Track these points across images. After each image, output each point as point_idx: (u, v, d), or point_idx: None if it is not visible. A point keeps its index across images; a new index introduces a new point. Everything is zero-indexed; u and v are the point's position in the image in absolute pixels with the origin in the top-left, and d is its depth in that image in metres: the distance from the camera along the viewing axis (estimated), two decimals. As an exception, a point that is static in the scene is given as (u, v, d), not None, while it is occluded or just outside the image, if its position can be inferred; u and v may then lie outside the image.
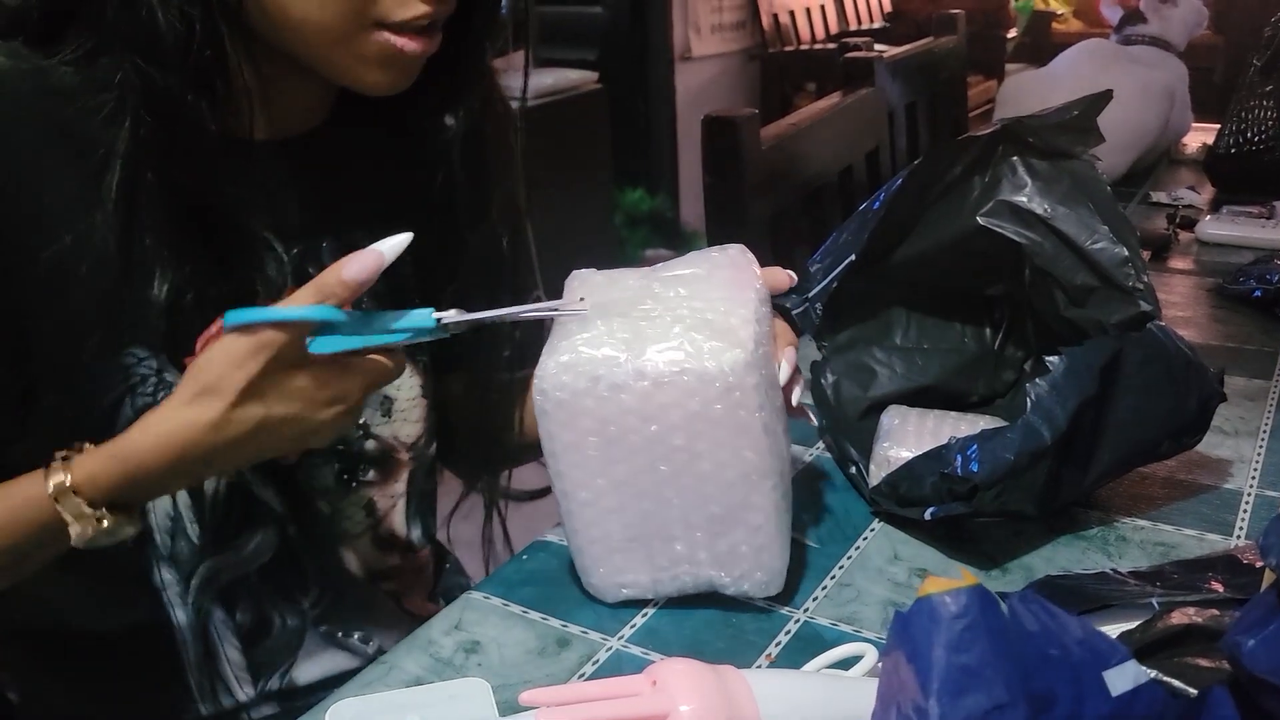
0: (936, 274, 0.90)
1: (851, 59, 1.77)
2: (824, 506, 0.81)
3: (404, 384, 0.82)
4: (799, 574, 0.72)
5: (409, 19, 0.65)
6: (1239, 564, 0.67)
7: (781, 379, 0.68)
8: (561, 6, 3.78)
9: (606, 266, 0.71)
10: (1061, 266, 0.82)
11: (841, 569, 0.73)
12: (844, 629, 0.67)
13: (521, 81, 0.82)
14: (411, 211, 0.82)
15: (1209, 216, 1.51)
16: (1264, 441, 0.89)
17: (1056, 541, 0.76)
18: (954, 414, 0.85)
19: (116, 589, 0.75)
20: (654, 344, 0.62)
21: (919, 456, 0.76)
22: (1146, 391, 0.73)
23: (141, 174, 0.64)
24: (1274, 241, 1.41)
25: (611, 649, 0.66)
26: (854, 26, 4.55)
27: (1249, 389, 0.99)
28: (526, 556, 0.76)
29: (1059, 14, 5.17)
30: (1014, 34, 4.65)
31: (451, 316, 0.62)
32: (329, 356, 0.61)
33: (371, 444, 0.81)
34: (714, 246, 0.72)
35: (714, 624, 0.68)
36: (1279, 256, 1.27)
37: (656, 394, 0.62)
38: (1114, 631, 0.60)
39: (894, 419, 0.84)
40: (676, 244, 3.65)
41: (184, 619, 0.75)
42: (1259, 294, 1.21)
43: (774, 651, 0.65)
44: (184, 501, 0.72)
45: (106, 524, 0.61)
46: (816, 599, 0.70)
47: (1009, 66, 3.80)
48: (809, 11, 4.31)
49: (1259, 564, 0.65)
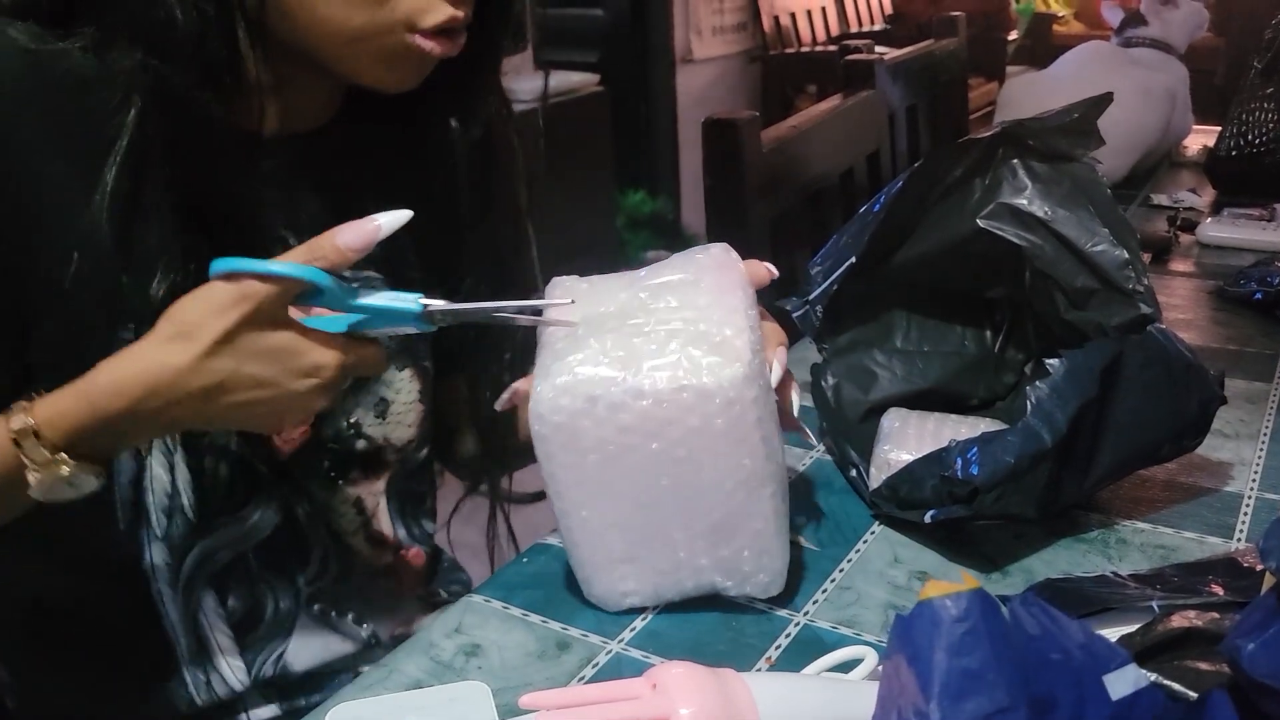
0: (937, 276, 0.90)
1: (852, 61, 1.77)
2: (824, 509, 0.81)
3: (403, 387, 0.82)
4: (799, 577, 0.72)
5: (436, 24, 0.66)
6: (1239, 567, 0.67)
7: (773, 380, 0.67)
8: (562, 9, 3.79)
9: (608, 269, 0.71)
10: (1062, 269, 0.82)
11: (842, 572, 0.73)
12: (844, 632, 0.67)
13: (523, 84, 0.82)
14: (417, 209, 0.82)
15: (1209, 219, 1.51)
16: (1264, 444, 0.89)
17: (1056, 544, 0.76)
18: (954, 417, 0.85)
19: (105, 574, 0.74)
20: (650, 361, 0.61)
21: (919, 459, 0.76)
22: (1147, 394, 0.73)
23: (146, 165, 0.64)
24: (1275, 244, 1.41)
25: (611, 652, 0.66)
26: (855, 29, 4.55)
27: (1249, 391, 0.99)
28: (527, 559, 0.76)
29: (1060, 16, 5.18)
30: (1015, 36, 4.65)
31: (438, 305, 0.61)
32: (300, 309, 0.61)
33: (362, 443, 0.81)
34: (697, 247, 0.71)
35: (714, 627, 0.68)
36: (1280, 259, 1.27)
37: (656, 412, 0.61)
38: (1114, 634, 0.60)
39: (894, 422, 0.84)
40: (678, 246, 3.62)
41: (174, 608, 0.74)
42: (1260, 296, 1.20)
43: (774, 654, 0.65)
44: (183, 478, 0.72)
45: (66, 471, 0.59)
46: (817, 602, 0.70)
47: (1010, 69, 3.80)
48: (810, 14, 4.31)
49: (1259, 567, 0.65)
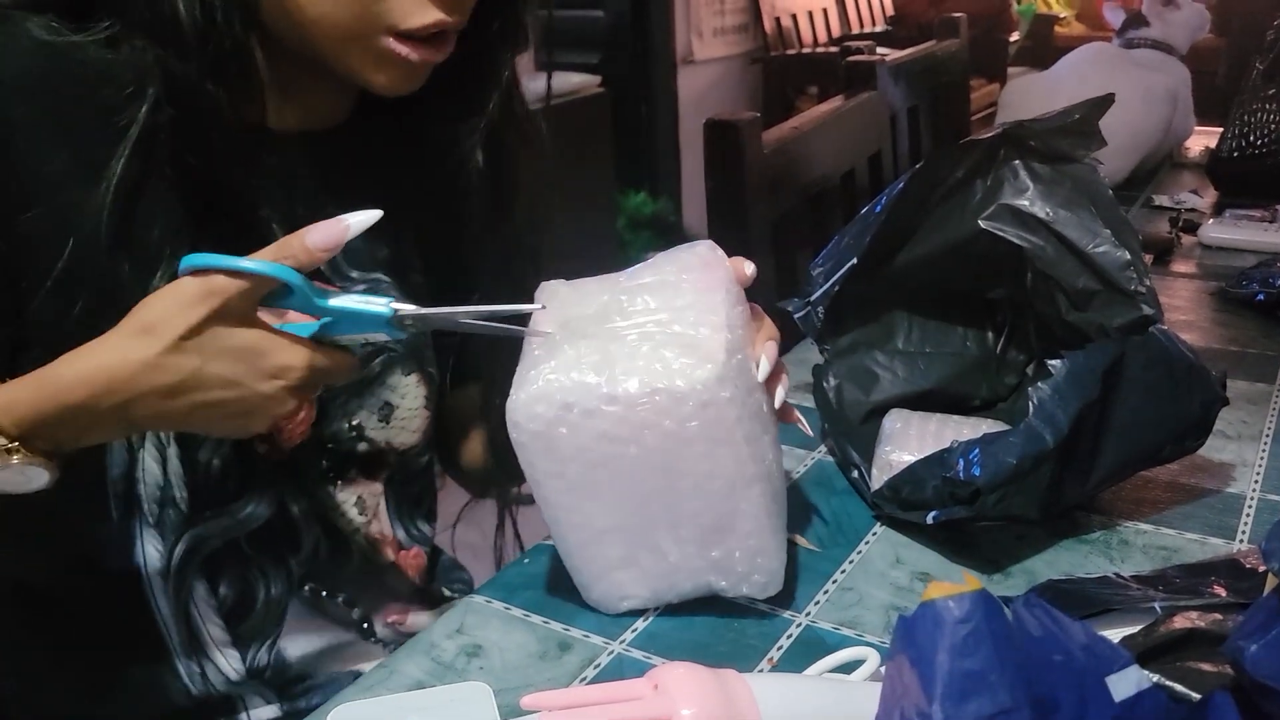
0: (938, 277, 0.90)
1: (853, 62, 1.77)
2: (826, 510, 0.81)
3: (408, 392, 0.82)
4: (801, 578, 0.72)
5: (419, 28, 0.66)
6: (1241, 568, 0.67)
7: (760, 376, 0.65)
8: (563, 10, 3.79)
9: (609, 270, 0.71)
10: (1063, 270, 0.82)
11: (843, 573, 0.73)
12: (846, 633, 0.67)
13: (525, 85, 0.82)
14: (426, 215, 0.82)
15: (1211, 220, 1.51)
16: (1266, 445, 0.89)
17: (1058, 545, 0.76)
18: (956, 418, 0.85)
19: (98, 565, 0.73)
20: (623, 365, 0.61)
21: (921, 460, 0.76)
22: (1149, 395, 0.73)
23: (154, 156, 0.65)
24: (1276, 245, 1.41)
25: (613, 653, 0.66)
26: (856, 30, 4.55)
27: (1251, 393, 0.99)
28: (528, 560, 0.76)
29: (1061, 17, 5.17)
30: (1016, 37, 4.65)
31: (409, 309, 0.61)
32: (274, 315, 0.60)
33: (364, 446, 0.81)
34: (683, 245, 0.70)
35: (715, 628, 0.68)
36: (1281, 260, 1.27)
37: (630, 416, 0.60)
38: (1116, 636, 0.60)
39: (896, 423, 0.84)
40: (679, 248, 3.64)
41: (165, 598, 0.74)
42: (1262, 297, 1.20)
43: (776, 655, 0.65)
44: (175, 472, 0.71)
45: (16, 460, 0.58)
46: (818, 603, 0.70)
47: (1011, 70, 3.79)
48: (811, 15, 4.31)
49: (1261, 568, 0.65)
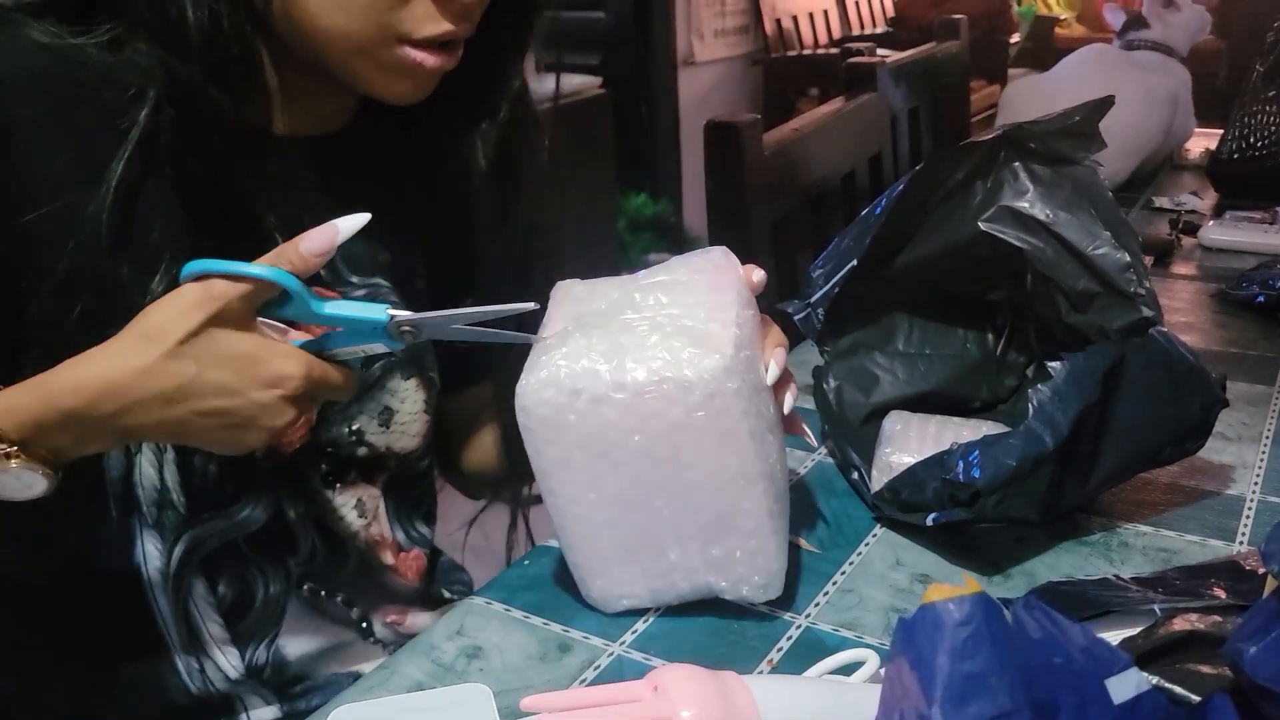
0: (938, 279, 0.90)
1: (854, 64, 1.77)
2: (825, 512, 0.81)
3: (408, 397, 0.82)
4: (801, 579, 0.72)
5: (431, 36, 0.67)
6: (1241, 570, 0.67)
7: (769, 380, 0.66)
8: (564, 11, 3.78)
9: (610, 272, 0.71)
10: (1063, 272, 0.82)
11: (843, 574, 0.73)
12: (846, 635, 0.67)
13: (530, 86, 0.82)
14: (430, 220, 0.82)
15: (1212, 222, 1.51)
16: (1266, 447, 0.89)
17: (1058, 547, 0.76)
18: (956, 419, 0.85)
19: (97, 564, 0.74)
20: (632, 354, 0.61)
21: (921, 462, 0.76)
22: (1149, 397, 0.73)
23: (155, 158, 0.65)
24: (1277, 247, 1.41)
25: (613, 654, 0.66)
26: (856, 31, 4.55)
27: (1251, 394, 0.99)
28: (529, 562, 0.76)
29: (1062, 19, 5.17)
30: (1017, 39, 4.65)
31: (404, 315, 0.62)
32: (277, 332, 0.61)
33: (363, 450, 0.81)
34: (697, 250, 0.71)
35: (715, 630, 0.68)
36: (1282, 262, 1.27)
37: (637, 405, 0.61)
38: (1116, 638, 0.60)
39: (896, 424, 0.84)
40: (680, 249, 3.61)
41: (164, 597, 0.74)
42: (1262, 299, 1.20)
43: (775, 657, 0.65)
44: (172, 477, 0.72)
45: (15, 464, 0.59)
46: (818, 604, 0.70)
47: (1012, 72, 3.80)
48: (811, 16, 4.31)
49: (1261, 570, 0.65)
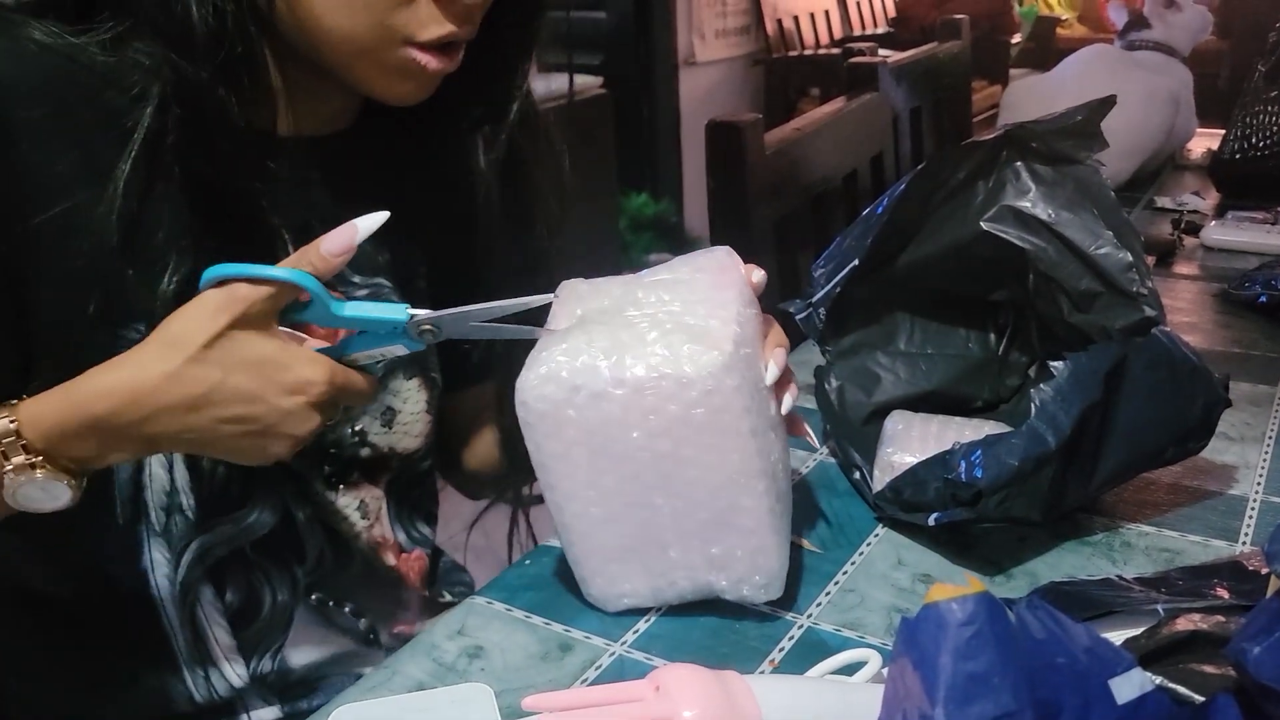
0: (940, 279, 0.90)
1: (855, 64, 1.77)
2: (827, 512, 0.81)
3: (410, 397, 0.82)
4: (802, 579, 0.72)
5: (434, 39, 0.67)
6: (1244, 570, 0.67)
7: (768, 380, 0.66)
8: (565, 11, 3.78)
9: (611, 272, 0.71)
10: (1065, 272, 0.82)
11: (845, 574, 0.73)
12: (848, 635, 0.67)
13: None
14: (433, 220, 0.82)
15: (1214, 222, 1.51)
16: (1269, 447, 0.89)
17: (1061, 547, 0.76)
18: (958, 419, 0.85)
19: (104, 570, 0.73)
20: (632, 350, 0.61)
21: (923, 462, 0.76)
22: (1151, 397, 0.73)
23: (160, 159, 0.65)
24: (1278, 247, 1.41)
25: (614, 654, 0.66)
26: (858, 31, 4.55)
27: (1254, 394, 0.99)
28: (530, 561, 0.76)
29: (1063, 19, 5.17)
30: (1018, 39, 4.65)
31: (425, 313, 0.62)
32: (294, 340, 0.61)
33: (366, 451, 0.81)
34: (701, 250, 0.71)
35: (717, 629, 0.68)
36: (1284, 262, 1.27)
37: (636, 400, 0.61)
38: (1119, 638, 0.59)
39: (898, 424, 0.84)
40: (681, 249, 3.61)
41: (171, 604, 0.74)
42: (1264, 299, 1.20)
43: (777, 657, 0.65)
44: (182, 478, 0.72)
45: (41, 475, 0.59)
46: (820, 604, 0.70)
47: (1013, 72, 3.79)
48: (813, 16, 4.31)
49: (1264, 570, 0.65)
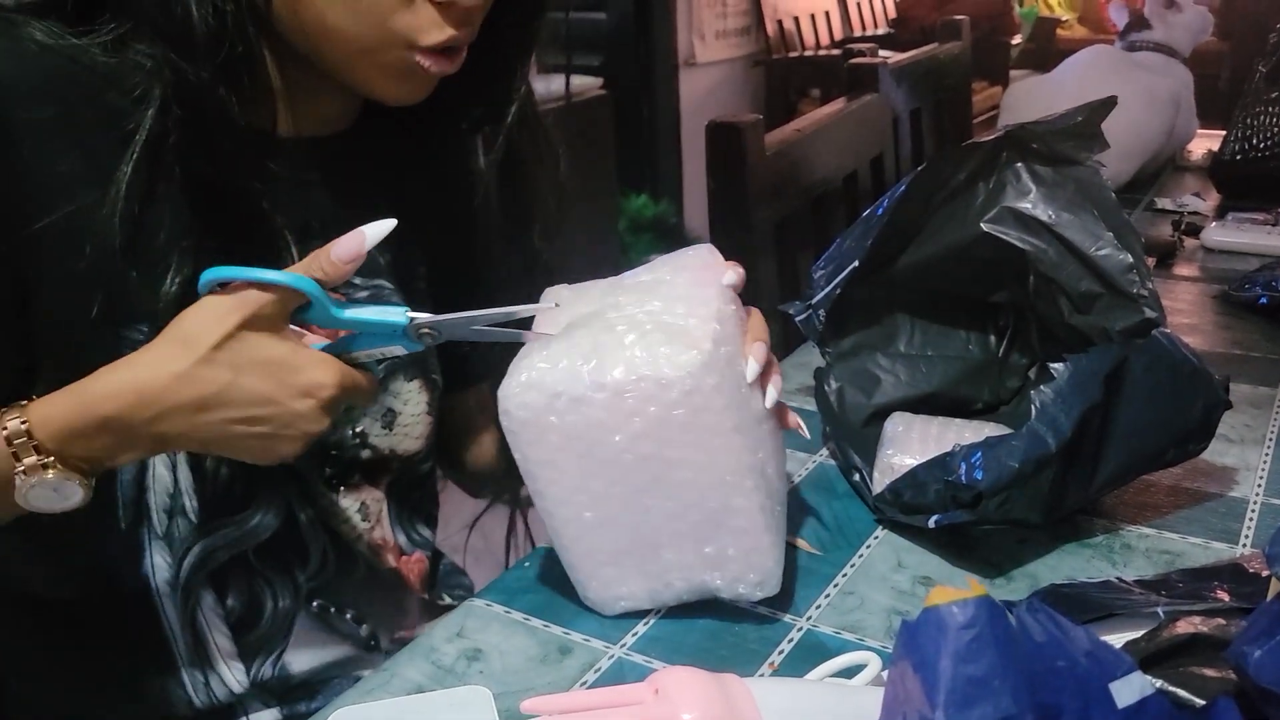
0: (940, 280, 0.90)
1: (856, 65, 1.77)
2: (827, 514, 0.81)
3: (411, 399, 0.82)
4: (802, 581, 0.72)
5: (436, 43, 0.67)
6: (1245, 573, 0.67)
7: (749, 377, 0.65)
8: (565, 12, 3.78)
9: (610, 273, 0.71)
10: (1066, 273, 0.82)
11: (845, 577, 0.73)
12: (847, 637, 0.67)
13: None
14: (430, 221, 0.82)
15: (1214, 223, 1.51)
16: (1270, 449, 0.89)
17: (1061, 549, 0.75)
18: (958, 421, 0.85)
19: (105, 574, 0.73)
20: (611, 353, 0.61)
21: (923, 464, 0.76)
22: (1151, 399, 0.73)
23: (161, 160, 0.65)
24: (1279, 248, 1.41)
25: (613, 657, 0.66)
26: (858, 32, 4.55)
27: (1255, 396, 0.99)
28: (529, 564, 0.75)
29: (1064, 20, 5.17)
30: (1019, 40, 4.64)
31: (424, 317, 0.62)
32: (299, 334, 0.62)
33: (367, 453, 0.81)
34: (683, 249, 0.71)
35: (716, 632, 0.68)
36: (1284, 263, 1.27)
37: (617, 404, 0.61)
38: (1119, 640, 0.59)
39: (898, 426, 0.84)
40: (681, 250, 3.64)
41: (172, 608, 0.74)
42: (1265, 301, 1.20)
43: (777, 660, 0.65)
44: (185, 479, 0.72)
45: (52, 475, 0.59)
46: (819, 607, 0.70)
47: (1014, 73, 3.79)
48: (813, 18, 4.31)
49: (1265, 573, 0.65)
